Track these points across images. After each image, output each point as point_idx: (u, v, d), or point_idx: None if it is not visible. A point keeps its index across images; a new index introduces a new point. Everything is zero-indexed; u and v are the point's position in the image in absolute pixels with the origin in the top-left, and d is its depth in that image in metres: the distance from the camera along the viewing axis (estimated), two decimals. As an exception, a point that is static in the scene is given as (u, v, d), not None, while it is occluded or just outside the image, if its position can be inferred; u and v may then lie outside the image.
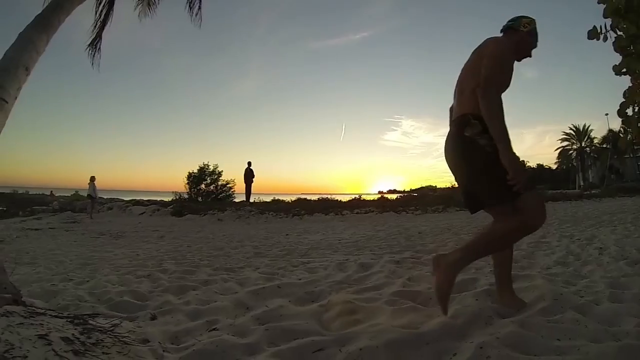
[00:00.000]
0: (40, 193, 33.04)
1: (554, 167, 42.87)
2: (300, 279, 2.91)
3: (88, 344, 1.48)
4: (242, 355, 1.53)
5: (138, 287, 2.86)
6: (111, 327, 1.73)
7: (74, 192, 26.40)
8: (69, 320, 1.70)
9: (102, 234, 8.16)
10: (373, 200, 13.36)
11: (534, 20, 1.92)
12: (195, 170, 17.62)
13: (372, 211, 10.28)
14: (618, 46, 3.85)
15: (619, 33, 3.84)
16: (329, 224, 8.99)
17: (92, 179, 13.79)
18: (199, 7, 7.58)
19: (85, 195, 15.46)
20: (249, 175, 15.75)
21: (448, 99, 2.04)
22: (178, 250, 5.36)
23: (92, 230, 8.89)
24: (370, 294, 2.36)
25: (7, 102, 2.66)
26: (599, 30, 3.84)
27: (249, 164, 15.90)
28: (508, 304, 1.81)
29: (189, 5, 7.54)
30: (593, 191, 18.32)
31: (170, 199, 17.43)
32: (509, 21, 1.95)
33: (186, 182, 17.54)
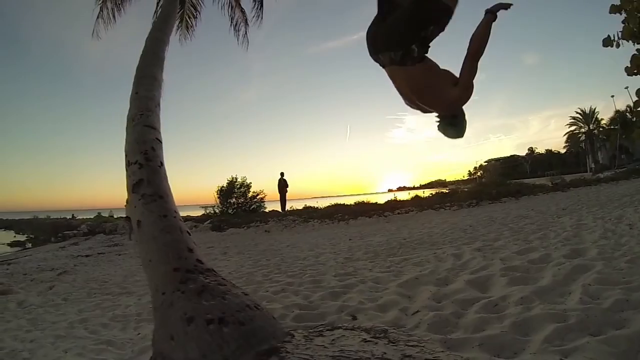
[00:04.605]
0: (62, 217, 33.58)
1: (563, 151, 43.53)
2: (420, 272, 3.53)
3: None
4: (455, 319, 2.27)
5: (294, 301, 3.18)
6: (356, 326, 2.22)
7: (97, 214, 26.75)
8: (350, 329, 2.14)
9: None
10: (407, 200, 14.34)
11: None
12: (225, 185, 18.61)
13: (412, 210, 11.24)
14: (635, 64, 4.38)
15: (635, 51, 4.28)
16: (379, 226, 9.75)
17: None
18: (246, 32, 8.18)
19: (119, 216, 15.54)
20: (282, 185, 16.65)
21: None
22: (263, 264, 5.60)
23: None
24: (482, 273, 3.13)
25: (161, 142, 2.85)
26: (612, 38, 4.03)
27: (282, 174, 16.74)
28: None
29: (235, 29, 8.12)
30: (607, 173, 19.30)
31: (198, 213, 18.41)
32: None
33: (217, 195, 18.43)
